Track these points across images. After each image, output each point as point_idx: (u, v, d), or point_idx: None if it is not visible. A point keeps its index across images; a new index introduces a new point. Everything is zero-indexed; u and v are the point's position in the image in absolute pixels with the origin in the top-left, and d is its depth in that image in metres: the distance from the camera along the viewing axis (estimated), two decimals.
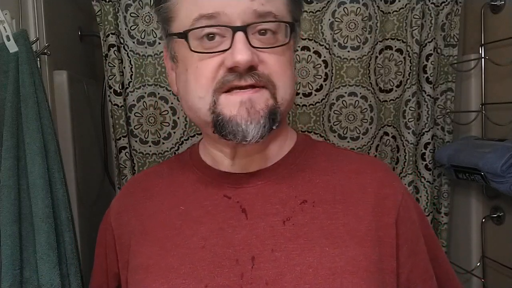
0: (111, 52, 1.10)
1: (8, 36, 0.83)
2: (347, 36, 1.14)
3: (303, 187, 0.57)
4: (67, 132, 1.10)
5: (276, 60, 0.52)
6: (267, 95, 0.51)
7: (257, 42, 0.51)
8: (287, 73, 0.54)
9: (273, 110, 0.52)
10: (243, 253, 0.53)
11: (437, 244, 0.64)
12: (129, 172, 1.13)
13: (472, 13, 1.20)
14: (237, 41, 0.49)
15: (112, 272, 0.64)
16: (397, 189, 0.59)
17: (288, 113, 0.62)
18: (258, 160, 0.59)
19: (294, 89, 0.57)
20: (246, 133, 0.50)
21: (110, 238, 0.64)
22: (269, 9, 0.51)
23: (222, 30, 0.50)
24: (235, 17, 0.49)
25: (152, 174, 0.66)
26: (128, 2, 1.10)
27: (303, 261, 0.51)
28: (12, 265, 0.76)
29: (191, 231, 0.56)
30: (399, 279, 0.56)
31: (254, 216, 0.55)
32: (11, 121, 0.81)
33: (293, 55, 0.58)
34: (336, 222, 0.54)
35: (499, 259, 1.13)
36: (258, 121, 0.50)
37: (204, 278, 0.52)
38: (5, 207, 0.78)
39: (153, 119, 1.14)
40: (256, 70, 0.50)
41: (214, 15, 0.50)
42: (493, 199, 1.15)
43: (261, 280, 0.51)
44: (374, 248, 0.53)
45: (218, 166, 0.60)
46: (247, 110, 0.50)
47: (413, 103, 1.15)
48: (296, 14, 0.57)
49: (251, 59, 0.49)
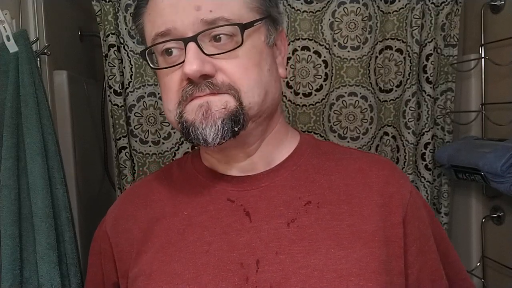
0: (111, 52, 1.10)
1: (8, 36, 0.83)
2: (347, 36, 1.14)
3: (307, 188, 0.56)
4: (67, 132, 1.10)
5: (236, 65, 0.51)
6: (228, 99, 0.51)
7: (213, 49, 0.51)
8: (252, 75, 0.52)
9: (233, 113, 0.51)
10: (248, 256, 0.52)
11: (448, 243, 0.63)
12: (129, 172, 1.13)
13: (472, 13, 1.20)
14: (187, 51, 0.49)
15: (111, 281, 0.63)
16: (404, 187, 0.58)
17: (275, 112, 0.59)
18: (259, 162, 0.59)
19: (268, 89, 0.54)
20: (205, 136, 0.50)
21: (106, 247, 0.62)
22: (218, 15, 0.50)
23: (178, 44, 0.51)
24: (186, 29, 0.50)
25: (151, 181, 0.65)
26: (128, 2, 1.10)
27: (308, 263, 0.50)
28: (12, 265, 0.76)
29: (195, 236, 0.55)
30: (408, 280, 0.56)
31: (258, 219, 0.54)
32: (11, 121, 0.81)
33: (271, 50, 0.56)
34: (342, 223, 0.53)
35: (499, 259, 1.13)
36: (214, 123, 0.50)
37: (208, 283, 0.51)
38: (5, 207, 0.78)
39: (153, 119, 1.14)
40: (212, 78, 0.50)
41: (167, 32, 0.51)
42: (493, 199, 1.15)
43: (266, 284, 0.50)
44: (381, 248, 0.52)
45: (219, 170, 0.60)
46: (203, 113, 0.50)
47: (413, 103, 1.15)
48: (265, 8, 0.55)
49: (199, 68, 0.49)
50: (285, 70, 0.60)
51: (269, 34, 0.56)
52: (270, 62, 0.56)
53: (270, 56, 0.56)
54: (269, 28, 0.56)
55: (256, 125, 0.55)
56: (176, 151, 1.15)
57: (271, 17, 0.56)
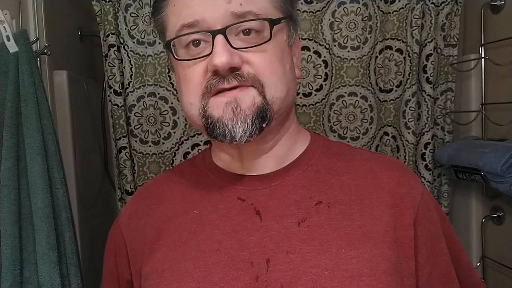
0: (111, 52, 1.10)
1: (8, 36, 0.83)
2: (347, 36, 1.14)
3: (318, 188, 0.56)
4: (67, 132, 1.10)
5: (262, 59, 0.52)
6: (254, 94, 0.51)
7: (240, 43, 0.51)
8: (277, 71, 0.53)
9: (261, 109, 0.51)
10: (258, 255, 0.52)
11: (460, 246, 0.62)
12: (129, 172, 1.13)
13: (472, 13, 1.20)
14: (215, 44, 0.50)
15: (125, 279, 0.64)
16: (415, 189, 0.57)
17: (290, 111, 0.60)
18: (271, 161, 0.59)
19: (289, 86, 0.55)
20: (233, 133, 0.50)
21: (121, 244, 0.63)
22: (248, 8, 0.51)
23: (205, 36, 0.51)
24: (215, 21, 0.50)
25: (164, 180, 0.66)
26: (128, 2, 1.10)
27: (318, 263, 0.50)
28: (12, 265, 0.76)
29: (206, 234, 0.55)
30: (419, 282, 0.55)
31: (269, 218, 0.54)
32: (11, 121, 0.81)
33: (290, 50, 0.57)
34: (352, 223, 0.53)
35: (499, 259, 1.13)
36: (244, 120, 0.50)
37: (219, 281, 0.51)
38: (5, 207, 0.78)
39: (153, 119, 1.14)
40: (239, 70, 0.51)
41: (194, 24, 0.51)
42: (493, 199, 1.15)
43: (276, 283, 0.50)
44: (392, 249, 0.52)
45: (230, 169, 0.60)
46: (232, 110, 0.50)
47: (413, 103, 1.15)
48: (287, 8, 0.56)
49: (228, 61, 0.49)
50: (300, 71, 0.61)
51: (290, 34, 0.57)
52: (290, 61, 0.57)
53: (290, 56, 0.57)
54: (290, 28, 0.57)
55: (276, 123, 0.56)
56: (176, 151, 1.15)
57: (292, 17, 0.57)
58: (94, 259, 1.16)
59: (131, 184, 1.13)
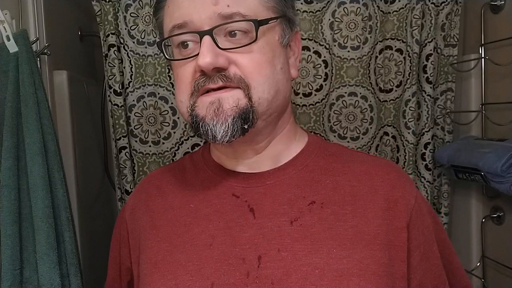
0: (111, 52, 1.10)
1: (8, 36, 0.83)
2: (347, 36, 1.13)
3: (312, 188, 0.57)
4: (67, 132, 1.10)
5: (249, 60, 0.52)
6: (239, 95, 0.52)
7: (227, 44, 0.52)
8: (265, 72, 0.53)
9: (244, 110, 0.52)
10: (250, 252, 0.53)
11: (451, 250, 0.63)
12: (129, 172, 1.13)
13: (472, 13, 1.20)
14: (201, 45, 0.51)
15: (125, 266, 0.66)
16: (410, 193, 0.58)
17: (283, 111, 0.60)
18: (266, 160, 0.59)
19: (279, 87, 0.55)
20: (214, 133, 0.51)
21: (124, 233, 0.65)
22: (235, 10, 0.51)
23: (194, 36, 0.53)
24: (202, 23, 0.51)
25: (166, 172, 0.67)
26: (128, 2, 1.10)
27: (309, 261, 0.51)
28: (12, 265, 0.76)
29: (200, 228, 0.57)
30: (411, 284, 0.56)
31: (262, 216, 0.55)
32: (11, 121, 0.81)
33: (284, 50, 0.57)
34: (345, 224, 0.54)
35: (499, 259, 1.13)
36: (225, 121, 0.51)
37: (210, 275, 0.52)
38: (5, 207, 0.78)
39: (153, 119, 1.14)
40: (225, 71, 0.51)
41: (183, 25, 0.53)
42: (493, 199, 1.15)
43: (267, 280, 0.51)
44: (383, 251, 0.53)
45: (227, 166, 0.61)
46: (214, 110, 0.51)
47: (413, 103, 1.15)
48: (281, 8, 0.56)
49: (212, 61, 0.50)
50: (297, 71, 0.61)
51: (284, 34, 0.57)
52: (282, 61, 0.56)
53: (283, 56, 0.57)
54: (284, 28, 0.57)
55: (265, 124, 0.56)
56: (176, 151, 1.15)
57: (286, 17, 0.57)
58: (94, 259, 1.17)
59: (131, 184, 1.14)
